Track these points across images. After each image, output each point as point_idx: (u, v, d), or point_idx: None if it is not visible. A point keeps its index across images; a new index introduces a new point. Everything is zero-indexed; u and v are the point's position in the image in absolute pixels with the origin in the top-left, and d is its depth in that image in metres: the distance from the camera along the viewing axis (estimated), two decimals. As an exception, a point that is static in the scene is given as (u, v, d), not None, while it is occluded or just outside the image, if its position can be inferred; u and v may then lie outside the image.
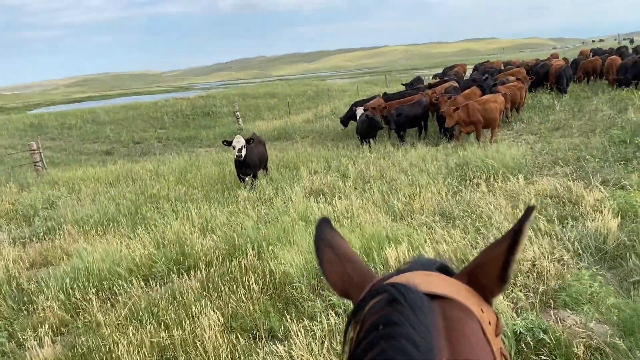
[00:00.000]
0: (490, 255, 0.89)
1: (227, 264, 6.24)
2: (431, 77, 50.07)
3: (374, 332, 0.79)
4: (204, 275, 6.06)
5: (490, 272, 0.88)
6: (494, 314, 0.90)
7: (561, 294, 4.40)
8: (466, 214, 7.26)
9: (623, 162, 9.02)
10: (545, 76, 20.29)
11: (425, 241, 6.08)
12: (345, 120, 17.22)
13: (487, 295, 0.90)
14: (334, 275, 1.01)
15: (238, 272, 5.94)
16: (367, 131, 13.68)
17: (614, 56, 20.12)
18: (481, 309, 0.87)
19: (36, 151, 15.45)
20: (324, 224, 1.09)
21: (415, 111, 14.11)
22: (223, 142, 10.63)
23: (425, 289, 0.84)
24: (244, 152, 9.96)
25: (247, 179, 10.52)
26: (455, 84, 17.84)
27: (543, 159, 10.09)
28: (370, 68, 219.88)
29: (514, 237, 0.85)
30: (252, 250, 6.44)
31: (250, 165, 10.38)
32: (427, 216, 7.37)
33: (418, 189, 8.36)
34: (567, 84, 18.93)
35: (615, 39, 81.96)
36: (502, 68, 24.65)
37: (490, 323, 0.87)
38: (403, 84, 21.76)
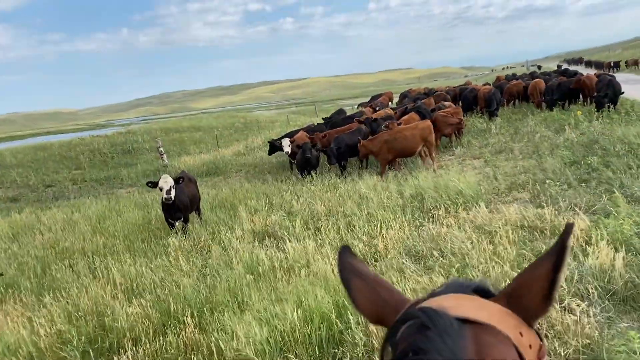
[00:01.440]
0: (533, 275, 0.85)
1: (161, 339, 4.93)
2: (356, 106, 50.57)
3: None
4: (131, 358, 4.73)
5: (533, 292, 0.84)
6: (537, 337, 0.86)
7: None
8: (437, 252, 6.40)
9: (582, 183, 8.61)
10: (475, 100, 20.45)
11: (403, 291, 5.11)
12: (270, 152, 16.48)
13: (528, 318, 0.85)
14: (367, 304, 0.97)
15: (176, 351, 4.67)
16: (306, 164, 12.72)
17: (538, 79, 20.64)
18: (520, 333, 0.82)
19: None
20: (345, 253, 1.03)
21: (355, 139, 13.37)
22: (147, 183, 9.20)
23: (456, 313, 0.81)
24: (173, 193, 8.64)
25: (177, 224, 9.18)
26: (391, 112, 17.42)
27: (497, 184, 9.54)
28: (295, 99, 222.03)
29: (558, 254, 0.82)
30: (192, 318, 5.19)
31: (180, 208, 9.05)
32: (394, 257, 6.44)
33: (378, 224, 7.44)
34: (497, 108, 19.09)
35: (523, 65, 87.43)
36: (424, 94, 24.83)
37: (530, 347, 0.83)
38: (323, 119, 20.19)
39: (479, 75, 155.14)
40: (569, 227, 0.83)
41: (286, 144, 14.43)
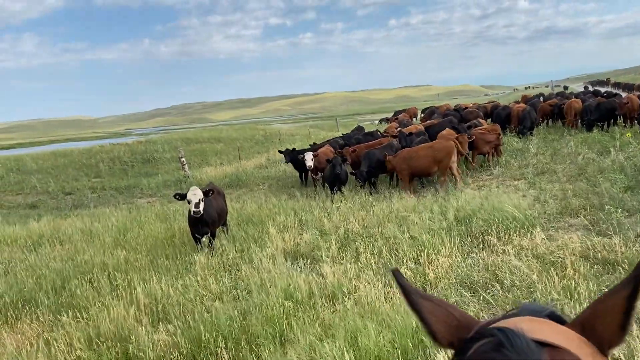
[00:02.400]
0: (608, 304, 0.84)
1: (193, 375, 4.34)
2: (377, 121, 49.99)
3: None
4: (160, 397, 4.14)
5: (608, 321, 0.83)
6: None
7: None
8: (493, 283, 5.75)
9: (644, 211, 7.90)
10: (507, 118, 19.76)
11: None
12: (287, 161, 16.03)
13: (603, 347, 0.84)
14: (440, 326, 0.94)
15: (211, 392, 4.07)
16: (335, 179, 12.10)
17: (574, 99, 19.92)
18: None
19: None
20: (401, 276, 0.99)
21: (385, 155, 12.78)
22: (175, 195, 8.58)
23: (534, 335, 0.80)
24: (201, 206, 8.09)
25: (203, 239, 8.63)
26: (421, 127, 16.83)
27: (548, 208, 8.84)
28: (313, 113, 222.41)
29: (635, 283, 0.81)
30: (227, 350, 4.59)
31: (208, 223, 8.48)
32: (446, 287, 5.80)
33: (425, 250, 6.80)
34: (532, 127, 18.41)
35: (547, 86, 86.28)
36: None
37: None
38: (342, 135, 19.09)
39: (499, 94, 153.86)
40: None
41: (309, 157, 13.84)
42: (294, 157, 16.00)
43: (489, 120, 20.67)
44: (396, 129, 18.16)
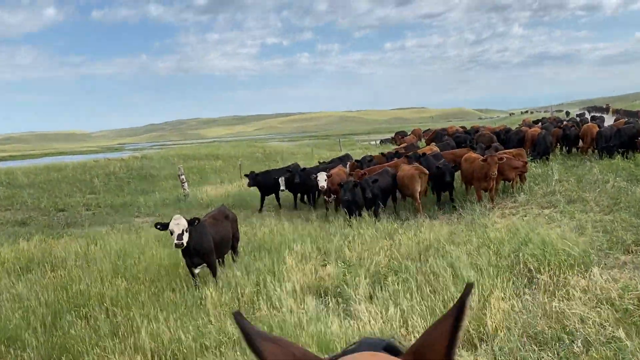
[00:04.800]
0: (435, 333, 0.89)
1: None
2: (378, 142, 49.37)
3: None
4: None
5: (434, 351, 0.87)
6: None
7: None
8: (565, 336, 4.89)
9: None
10: (521, 142, 19.09)
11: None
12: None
13: None
14: None
15: None
16: (350, 204, 11.20)
17: (591, 124, 19.32)
18: None
19: None
20: (242, 317, 0.96)
21: (386, 181, 11.98)
22: (156, 225, 7.57)
23: None
24: (185, 238, 7.13)
25: (197, 270, 7.65)
26: (437, 149, 16.10)
27: (598, 242, 8.00)
28: (308, 132, 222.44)
29: (457, 314, 0.86)
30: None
31: (200, 253, 7.52)
32: (508, 339, 4.93)
33: (475, 290, 5.93)
34: (548, 151, 17.74)
35: (547, 111, 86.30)
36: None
37: None
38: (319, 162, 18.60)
39: (493, 118, 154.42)
40: (468, 287, 0.89)
41: (322, 178, 13.03)
42: (258, 180, 15.57)
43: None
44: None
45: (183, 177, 19.91)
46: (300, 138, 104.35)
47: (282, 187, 15.02)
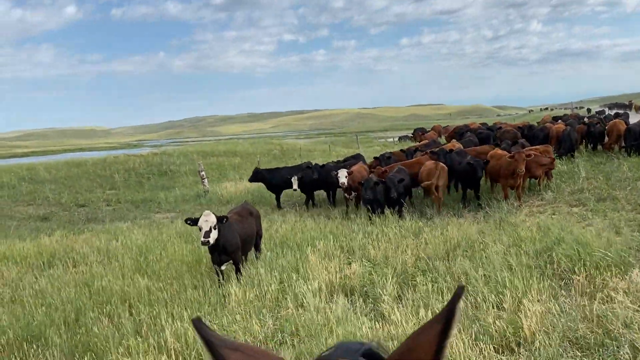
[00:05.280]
0: (420, 340, 0.83)
1: None
2: (396, 138, 48.96)
3: None
4: None
5: (421, 358, 0.81)
6: None
7: None
8: (610, 341, 4.64)
9: None
10: (545, 139, 18.67)
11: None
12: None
13: None
14: None
15: None
16: (372, 202, 10.94)
17: (618, 120, 18.82)
18: None
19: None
20: (200, 323, 0.89)
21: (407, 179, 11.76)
22: (187, 221, 7.44)
23: None
24: (213, 236, 6.98)
25: (223, 267, 7.54)
26: (460, 145, 15.82)
27: (634, 242, 7.70)
28: (324, 129, 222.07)
29: (447, 319, 0.81)
30: None
31: (228, 251, 7.40)
32: (547, 345, 4.69)
33: (506, 291, 5.69)
34: (573, 148, 17.33)
35: (567, 107, 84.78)
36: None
37: None
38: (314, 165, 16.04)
39: (512, 115, 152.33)
40: (459, 291, 0.83)
41: (343, 175, 12.81)
42: (263, 176, 15.41)
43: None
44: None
45: (203, 173, 19.87)
46: (316, 135, 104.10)
47: (294, 187, 14.44)
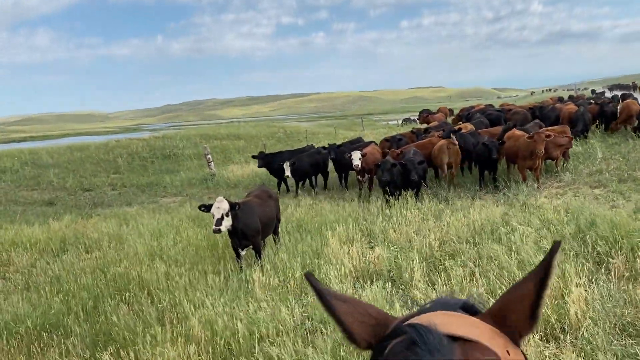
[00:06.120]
0: (518, 293, 0.86)
1: None
2: (399, 121, 48.57)
3: None
4: None
5: (518, 311, 0.85)
6: (523, 355, 0.86)
7: None
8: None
9: None
10: (557, 120, 18.34)
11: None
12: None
13: (514, 336, 0.85)
14: (358, 327, 0.91)
15: None
16: (389, 184, 10.67)
17: (630, 100, 18.47)
18: (507, 351, 0.82)
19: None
20: (314, 278, 0.97)
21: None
22: (200, 207, 7.15)
23: (446, 330, 0.80)
24: (225, 224, 6.72)
25: (243, 252, 7.31)
26: (471, 126, 15.52)
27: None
28: (325, 112, 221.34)
29: (544, 272, 0.83)
30: None
31: (247, 235, 7.16)
32: (592, 330, 4.48)
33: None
34: (586, 129, 17.01)
35: (570, 89, 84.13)
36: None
37: None
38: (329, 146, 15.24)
39: (512, 97, 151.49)
40: (555, 246, 0.85)
41: (357, 157, 12.52)
42: (268, 161, 15.03)
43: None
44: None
45: (209, 156, 19.58)
46: (317, 118, 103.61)
47: (287, 174, 13.76)
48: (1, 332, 5.59)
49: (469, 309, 0.91)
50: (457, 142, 12.14)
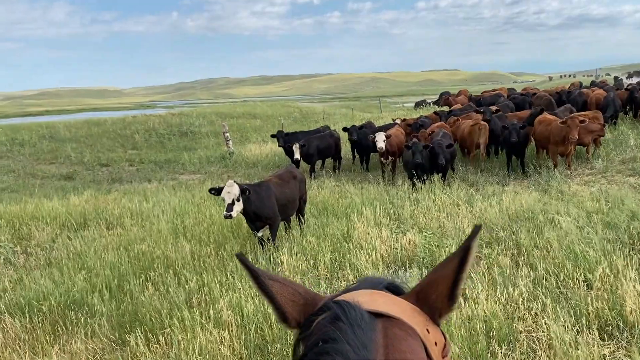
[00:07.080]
0: (439, 274, 0.89)
1: None
2: (413, 105, 47.74)
3: (314, 349, 0.79)
4: None
5: (439, 291, 0.88)
6: (442, 335, 0.88)
7: None
8: None
9: None
10: (584, 106, 17.80)
11: None
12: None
13: (434, 316, 0.89)
14: (288, 305, 0.94)
15: None
16: (417, 167, 10.33)
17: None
18: (427, 329, 0.85)
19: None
20: (245, 258, 1.01)
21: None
22: (210, 190, 6.89)
23: (368, 307, 0.83)
24: (237, 208, 6.47)
25: (260, 234, 7.09)
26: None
27: None
28: (337, 93, 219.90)
29: (463, 254, 0.86)
30: None
31: (261, 217, 6.93)
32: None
33: (593, 268, 5.17)
34: (616, 115, 16.48)
35: (592, 75, 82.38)
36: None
37: (436, 344, 0.85)
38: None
39: (529, 82, 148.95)
40: (476, 229, 0.89)
41: (381, 138, 12.14)
42: (288, 142, 14.18)
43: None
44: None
45: (228, 134, 19.35)
46: (330, 99, 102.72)
47: (296, 156, 13.09)
48: (24, 309, 5.43)
49: (394, 289, 0.95)
50: (486, 124, 11.89)
